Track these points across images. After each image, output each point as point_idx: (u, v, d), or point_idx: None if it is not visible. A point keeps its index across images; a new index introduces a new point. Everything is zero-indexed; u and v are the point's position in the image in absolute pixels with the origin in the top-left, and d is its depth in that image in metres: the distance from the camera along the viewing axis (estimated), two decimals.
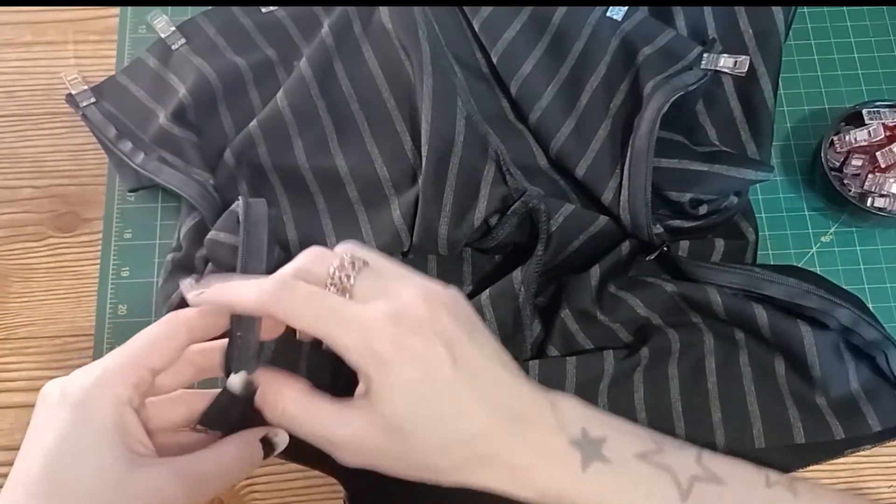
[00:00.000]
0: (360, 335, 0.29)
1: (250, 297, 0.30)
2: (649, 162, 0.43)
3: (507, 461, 0.31)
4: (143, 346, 0.31)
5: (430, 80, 0.45)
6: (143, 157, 0.46)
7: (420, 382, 0.30)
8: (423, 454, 0.31)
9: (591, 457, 0.31)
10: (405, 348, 0.30)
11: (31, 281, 0.48)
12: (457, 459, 0.31)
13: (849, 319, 0.40)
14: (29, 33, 0.53)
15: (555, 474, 0.31)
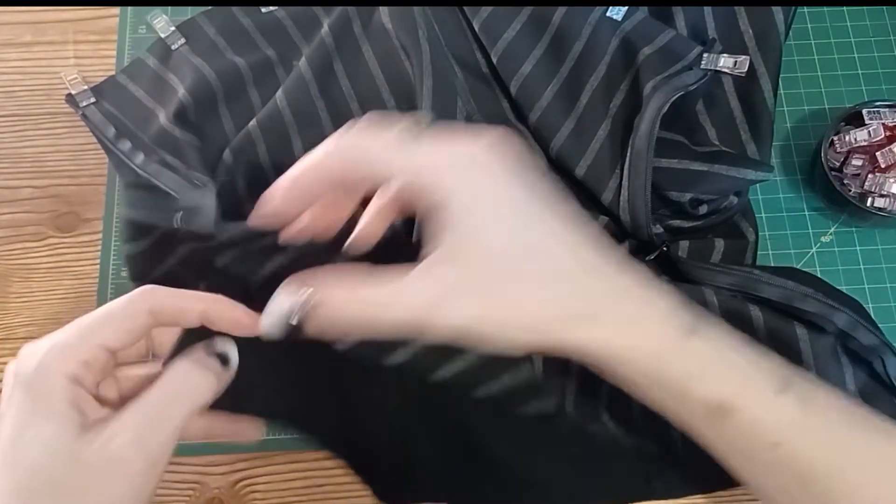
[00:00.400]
0: (449, 156, 0.27)
1: (318, 151, 0.29)
2: (649, 162, 0.43)
3: (615, 313, 0.28)
4: (97, 322, 0.29)
5: (430, 80, 0.45)
6: (143, 159, 0.46)
7: (508, 218, 0.27)
8: (516, 300, 0.27)
9: (692, 330, 0.29)
10: (497, 180, 0.27)
11: (31, 281, 0.48)
12: (553, 310, 0.28)
13: (846, 324, 0.40)
14: (29, 33, 0.53)
15: (658, 336, 0.29)
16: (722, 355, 0.29)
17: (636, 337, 0.29)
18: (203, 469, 0.44)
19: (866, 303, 0.47)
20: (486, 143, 0.28)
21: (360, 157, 0.28)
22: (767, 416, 0.29)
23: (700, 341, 0.29)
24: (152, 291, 0.30)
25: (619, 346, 0.29)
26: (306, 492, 0.44)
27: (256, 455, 0.45)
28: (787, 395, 0.29)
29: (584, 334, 0.28)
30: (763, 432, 0.29)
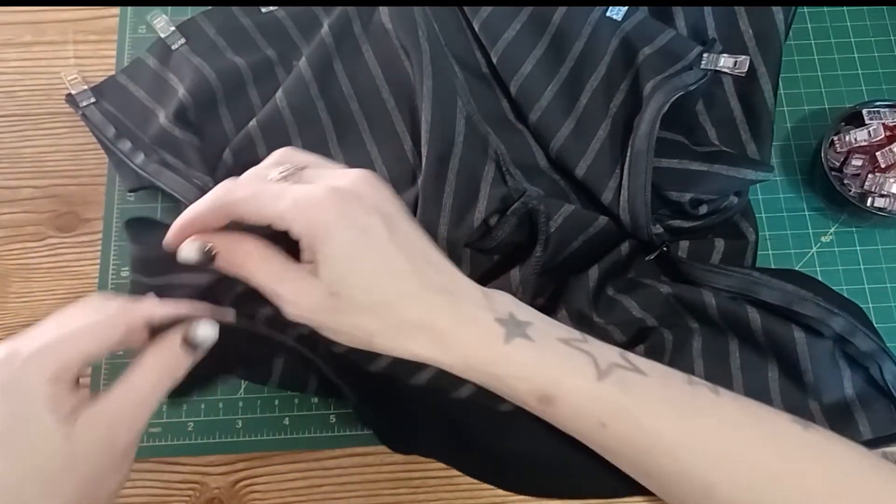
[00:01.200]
0: (305, 207, 0.32)
1: (201, 202, 0.33)
2: (649, 162, 0.43)
3: (433, 326, 0.33)
4: (77, 334, 0.31)
5: (430, 81, 0.45)
6: (144, 158, 0.46)
7: (357, 245, 0.32)
8: (355, 314, 0.33)
9: (515, 333, 0.34)
10: (345, 216, 0.32)
11: (31, 281, 0.48)
12: (387, 322, 0.33)
13: (844, 328, 0.40)
14: (29, 33, 0.53)
15: (479, 343, 0.33)
16: (539, 354, 0.34)
17: (459, 345, 0.33)
18: (203, 469, 0.44)
19: (866, 303, 0.47)
20: (346, 182, 0.34)
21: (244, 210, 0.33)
22: (587, 402, 0.33)
23: (518, 345, 0.34)
24: (132, 310, 0.33)
25: (445, 354, 0.34)
26: (306, 492, 0.44)
27: (256, 455, 0.45)
28: (607, 381, 0.33)
29: (414, 346, 0.33)
30: (588, 416, 0.34)
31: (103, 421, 0.30)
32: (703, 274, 0.42)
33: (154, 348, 0.33)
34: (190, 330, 0.33)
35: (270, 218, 0.32)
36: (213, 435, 0.45)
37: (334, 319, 0.33)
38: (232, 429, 0.45)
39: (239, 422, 0.45)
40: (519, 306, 0.36)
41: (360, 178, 0.34)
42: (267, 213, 0.32)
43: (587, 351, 0.34)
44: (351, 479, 0.44)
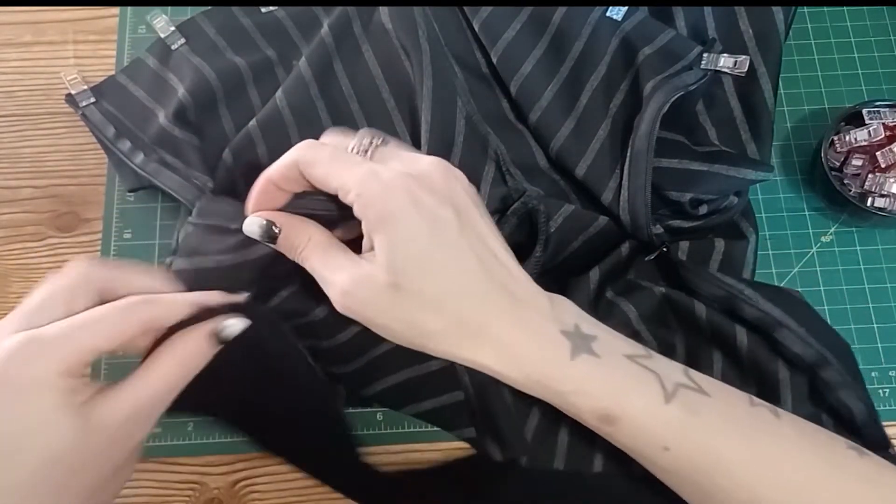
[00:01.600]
0: (376, 186, 0.30)
1: (281, 161, 0.33)
2: (649, 162, 0.43)
3: (497, 335, 0.31)
4: (91, 328, 0.30)
5: (429, 81, 0.45)
6: (143, 158, 0.46)
7: (425, 235, 0.30)
8: (414, 309, 0.31)
9: (581, 348, 0.32)
10: (417, 203, 0.31)
11: (31, 281, 0.48)
12: (447, 322, 0.31)
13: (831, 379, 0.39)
14: (29, 33, 0.53)
15: (543, 357, 0.32)
16: (606, 371, 0.32)
17: (522, 358, 0.32)
18: (203, 469, 0.44)
19: (866, 303, 0.47)
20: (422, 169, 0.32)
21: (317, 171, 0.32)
22: (653, 423, 0.32)
23: (584, 361, 0.32)
24: (147, 301, 0.31)
25: (506, 365, 0.32)
26: (306, 492, 0.44)
27: (256, 455, 0.45)
28: (673, 403, 0.32)
29: (473, 352, 0.32)
30: (651, 438, 0.32)
31: (121, 415, 0.29)
32: (697, 281, 0.42)
33: (179, 339, 0.31)
34: (220, 325, 0.32)
35: (339, 186, 0.31)
36: (213, 435, 0.45)
37: (390, 314, 0.32)
38: None
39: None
40: (583, 316, 0.34)
41: (436, 165, 0.33)
42: (337, 181, 0.31)
43: (652, 369, 0.33)
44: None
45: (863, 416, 0.39)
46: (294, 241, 0.33)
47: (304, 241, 0.33)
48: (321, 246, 0.33)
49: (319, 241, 0.33)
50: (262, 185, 0.34)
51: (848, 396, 0.39)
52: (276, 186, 0.34)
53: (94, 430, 0.29)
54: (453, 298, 0.31)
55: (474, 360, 0.32)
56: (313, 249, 0.33)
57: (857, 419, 0.39)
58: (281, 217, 0.34)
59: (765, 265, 0.47)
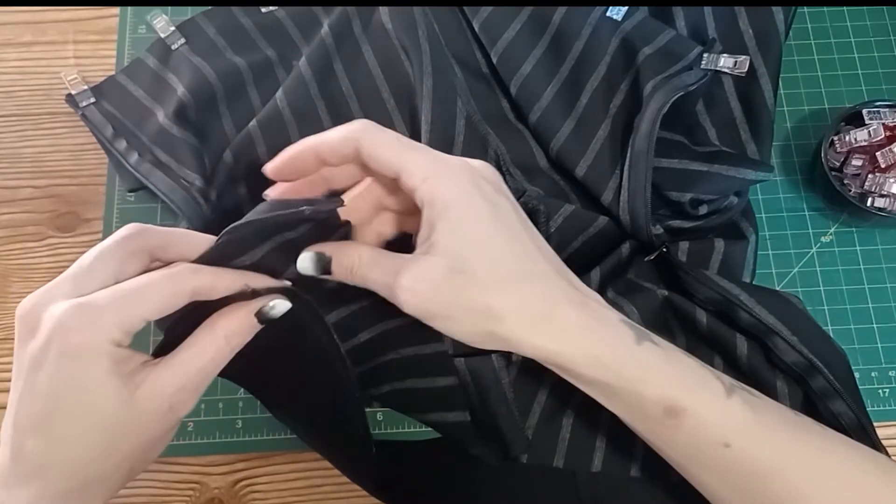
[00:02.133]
0: (444, 170, 0.31)
1: (337, 132, 0.32)
2: (649, 162, 0.42)
3: (565, 319, 0.31)
4: (139, 293, 0.29)
5: (429, 81, 0.45)
6: (137, 158, 0.46)
7: (489, 221, 0.31)
8: (479, 294, 0.30)
9: (643, 337, 0.32)
10: (481, 189, 0.31)
11: (31, 281, 0.48)
12: (512, 305, 0.30)
13: (820, 388, 0.39)
14: (29, 33, 0.53)
15: (612, 340, 0.31)
16: (671, 361, 0.32)
17: (590, 342, 0.31)
18: (203, 469, 0.44)
19: (866, 303, 0.47)
20: (477, 164, 0.33)
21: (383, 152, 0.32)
22: (717, 418, 0.31)
23: (650, 348, 0.32)
24: (196, 271, 0.31)
25: (575, 348, 0.31)
26: (306, 492, 0.44)
27: (256, 455, 0.45)
28: (734, 398, 0.31)
29: (542, 337, 0.31)
30: (713, 433, 0.31)
31: (168, 389, 0.30)
32: (694, 284, 0.42)
33: (225, 316, 0.31)
34: (268, 304, 0.32)
35: (405, 169, 0.31)
36: (213, 435, 0.45)
37: (455, 301, 0.31)
38: (232, 429, 0.45)
39: (239, 422, 0.45)
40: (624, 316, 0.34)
41: (486, 164, 0.33)
42: (404, 163, 0.31)
43: (707, 367, 0.33)
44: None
45: (853, 425, 0.39)
46: (347, 263, 0.33)
47: (356, 260, 0.33)
48: (374, 258, 0.33)
49: (371, 255, 0.33)
50: (299, 151, 0.33)
51: (838, 406, 0.39)
52: (316, 156, 0.33)
53: (139, 401, 0.29)
54: (519, 281, 0.31)
55: (543, 345, 0.31)
56: (368, 264, 0.33)
57: (848, 429, 0.39)
58: (326, 245, 0.34)
59: (765, 265, 0.47)
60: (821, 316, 0.46)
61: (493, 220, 0.31)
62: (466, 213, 0.30)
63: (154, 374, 0.30)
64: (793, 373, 0.40)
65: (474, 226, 0.30)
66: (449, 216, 0.30)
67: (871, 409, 0.44)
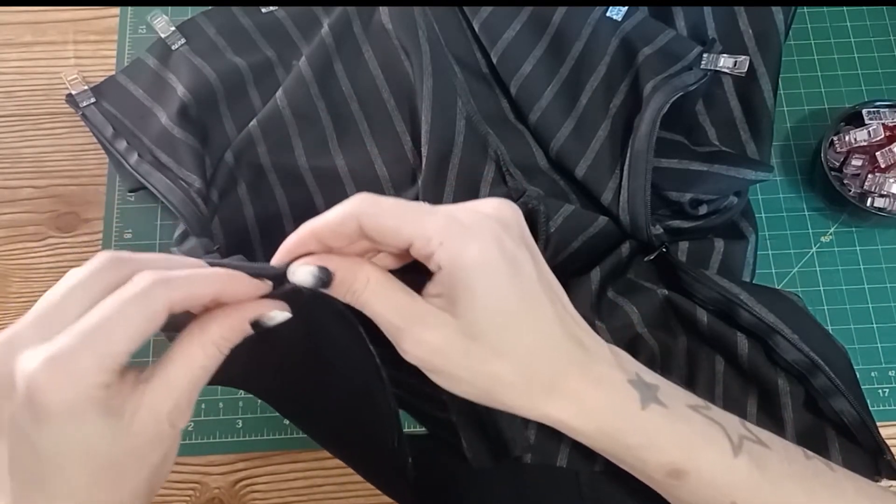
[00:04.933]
0: (459, 228, 0.28)
1: (335, 211, 0.29)
2: (649, 162, 0.43)
3: (572, 389, 0.30)
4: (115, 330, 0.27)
5: (430, 81, 0.45)
6: (137, 159, 0.46)
7: (508, 286, 0.29)
8: (488, 361, 0.29)
9: (648, 398, 0.31)
10: (501, 246, 0.28)
11: (31, 281, 0.48)
12: (521, 374, 0.30)
13: (822, 386, 0.39)
14: (29, 33, 0.53)
15: (615, 410, 0.31)
16: (677, 422, 0.31)
17: (593, 411, 0.31)
18: (203, 469, 0.44)
19: (865, 303, 0.47)
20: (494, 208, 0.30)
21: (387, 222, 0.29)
22: (722, 478, 0.31)
23: (654, 410, 0.31)
24: (166, 283, 0.28)
25: (579, 418, 0.31)
26: (306, 492, 0.44)
27: (256, 455, 0.45)
28: (741, 457, 0.31)
29: (546, 406, 0.30)
30: (720, 493, 0.31)
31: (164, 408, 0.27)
32: (694, 284, 0.42)
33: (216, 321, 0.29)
34: (268, 314, 0.30)
35: (417, 235, 0.28)
36: (213, 435, 0.45)
37: (462, 365, 0.30)
38: (232, 429, 0.45)
39: (239, 422, 0.45)
40: (639, 364, 0.33)
41: (503, 203, 0.30)
42: (414, 230, 0.28)
43: (717, 420, 0.32)
44: (351, 479, 0.44)
45: (855, 423, 0.39)
46: (352, 285, 0.30)
47: (364, 284, 0.30)
48: (383, 288, 0.30)
49: (381, 284, 0.30)
50: (301, 238, 0.30)
51: (840, 403, 0.39)
52: (320, 241, 0.30)
53: (138, 429, 0.27)
54: (530, 352, 0.30)
55: (547, 414, 0.31)
56: (374, 292, 0.30)
57: (850, 426, 0.39)
58: (333, 260, 0.30)
59: (765, 265, 0.47)
60: (821, 316, 0.46)
61: (511, 285, 0.29)
62: (485, 281, 0.28)
63: (149, 395, 0.28)
64: (794, 371, 0.40)
65: (492, 293, 0.29)
66: (468, 283, 0.28)
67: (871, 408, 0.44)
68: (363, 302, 0.30)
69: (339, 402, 0.38)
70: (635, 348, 0.42)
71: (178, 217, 0.45)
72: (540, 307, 0.30)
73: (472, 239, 0.28)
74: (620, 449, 0.31)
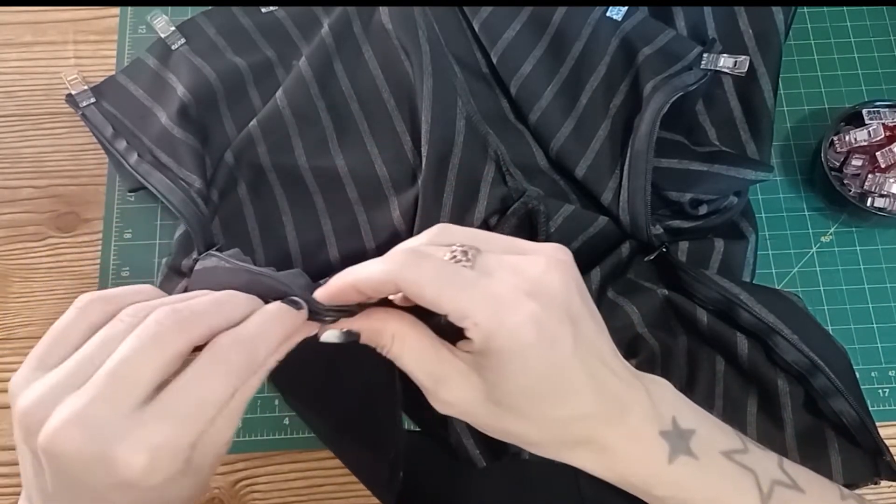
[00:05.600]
0: (499, 308, 0.28)
1: (377, 269, 0.29)
2: (649, 162, 0.43)
3: (601, 444, 0.30)
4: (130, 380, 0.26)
5: (430, 81, 0.45)
6: (137, 158, 0.46)
7: (541, 361, 0.28)
8: (516, 423, 0.30)
9: (679, 450, 0.31)
10: (540, 328, 0.28)
11: (31, 281, 0.48)
12: (548, 435, 0.30)
13: (822, 387, 0.39)
14: (29, 33, 0.53)
15: (642, 462, 0.31)
16: (706, 474, 0.31)
17: (621, 464, 0.31)
18: None
19: (866, 303, 0.47)
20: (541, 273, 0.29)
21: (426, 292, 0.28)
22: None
23: (684, 462, 0.31)
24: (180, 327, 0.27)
25: (602, 469, 0.31)
26: (306, 492, 0.44)
27: (256, 455, 0.45)
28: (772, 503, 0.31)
29: (569, 456, 0.31)
30: None
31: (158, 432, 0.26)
32: (694, 284, 0.42)
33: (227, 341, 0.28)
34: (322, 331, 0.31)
35: (455, 310, 0.28)
36: None
37: (486, 424, 0.30)
38: None
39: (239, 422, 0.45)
40: (680, 402, 0.33)
41: (553, 266, 0.29)
42: (453, 305, 0.28)
43: (749, 467, 0.32)
44: (351, 479, 0.44)
45: (855, 424, 0.39)
46: (378, 342, 0.31)
47: (389, 342, 0.30)
48: (411, 346, 0.30)
49: (408, 341, 0.30)
50: (342, 289, 0.30)
51: (840, 404, 0.39)
52: (358, 293, 0.30)
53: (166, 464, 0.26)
54: (559, 423, 0.30)
55: (570, 461, 0.31)
56: (402, 350, 0.30)
57: (850, 427, 0.39)
58: (357, 322, 0.31)
59: (765, 265, 0.47)
60: (821, 316, 0.46)
61: (544, 366, 0.29)
62: (516, 363, 0.28)
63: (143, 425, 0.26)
64: (794, 371, 0.40)
65: (523, 374, 0.29)
66: (499, 362, 0.28)
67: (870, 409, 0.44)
68: (392, 356, 0.31)
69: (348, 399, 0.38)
70: (635, 348, 0.42)
71: (179, 217, 0.45)
72: (574, 379, 0.29)
73: (507, 322, 0.28)
74: (646, 497, 0.32)
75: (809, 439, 0.40)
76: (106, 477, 0.26)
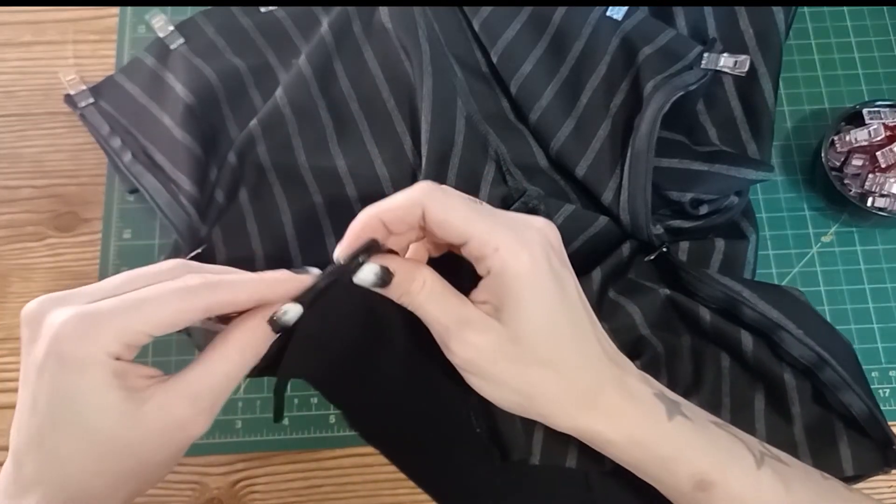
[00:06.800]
0: (518, 242, 0.29)
1: (403, 196, 0.30)
2: (649, 162, 0.42)
3: (608, 402, 0.31)
4: (147, 310, 0.28)
5: (429, 81, 0.45)
6: (130, 158, 0.46)
7: (555, 296, 0.30)
8: (532, 369, 0.30)
9: (674, 411, 0.32)
10: (551, 263, 0.30)
11: (30, 281, 0.48)
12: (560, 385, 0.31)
13: (829, 380, 0.39)
14: (29, 33, 0.53)
15: (644, 421, 0.32)
16: (701, 434, 0.32)
17: (627, 422, 0.32)
18: (203, 469, 0.44)
19: (866, 303, 0.47)
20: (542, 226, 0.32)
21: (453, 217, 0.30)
22: (747, 491, 0.32)
23: (681, 422, 0.32)
24: (213, 288, 0.29)
25: (613, 430, 0.32)
26: (306, 492, 0.44)
27: (256, 455, 0.45)
28: (764, 469, 0.32)
29: (584, 418, 0.32)
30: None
31: (177, 407, 0.28)
32: (696, 283, 0.42)
33: (238, 328, 0.30)
34: (278, 313, 0.30)
35: (478, 237, 0.29)
36: (212, 435, 0.45)
37: (506, 369, 0.31)
38: (232, 429, 0.45)
39: (239, 422, 0.45)
40: (661, 384, 0.34)
41: (549, 225, 0.32)
42: (472, 230, 0.29)
43: (738, 436, 0.33)
44: (351, 480, 0.44)
45: (864, 415, 0.39)
46: (408, 287, 0.31)
47: (420, 287, 0.31)
48: (437, 292, 0.31)
49: (436, 287, 0.31)
50: (366, 221, 0.31)
51: (848, 397, 0.39)
52: (382, 226, 0.31)
53: (145, 419, 0.28)
54: (573, 366, 0.31)
55: (587, 427, 0.32)
56: (429, 296, 0.31)
57: (860, 419, 0.39)
58: (394, 261, 0.31)
59: (765, 265, 0.47)
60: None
61: (558, 300, 0.30)
62: (535, 291, 0.30)
63: (163, 390, 0.28)
64: (800, 366, 0.40)
65: (541, 304, 0.30)
66: (518, 292, 0.29)
67: None
68: (417, 304, 0.31)
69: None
70: (638, 348, 0.42)
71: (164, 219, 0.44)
72: (582, 324, 0.31)
73: (526, 249, 0.29)
74: (651, 460, 0.32)
75: (818, 433, 0.40)
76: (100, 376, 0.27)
